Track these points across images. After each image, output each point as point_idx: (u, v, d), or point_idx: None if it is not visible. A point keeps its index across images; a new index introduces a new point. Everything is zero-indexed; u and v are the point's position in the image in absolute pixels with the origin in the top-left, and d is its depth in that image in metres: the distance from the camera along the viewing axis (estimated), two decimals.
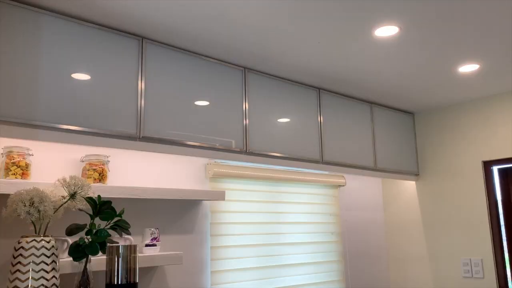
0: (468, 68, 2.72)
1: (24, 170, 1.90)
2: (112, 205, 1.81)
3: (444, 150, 3.45)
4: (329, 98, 3.04)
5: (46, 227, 1.73)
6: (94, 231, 1.71)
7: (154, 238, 2.27)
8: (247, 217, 2.83)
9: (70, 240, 1.88)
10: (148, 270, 2.33)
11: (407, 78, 2.88)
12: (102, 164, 2.15)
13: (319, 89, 2.98)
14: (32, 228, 1.72)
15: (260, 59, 2.52)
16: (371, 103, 3.34)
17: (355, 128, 3.18)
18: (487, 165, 3.23)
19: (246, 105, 2.57)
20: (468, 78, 2.90)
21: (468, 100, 3.36)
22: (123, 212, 1.81)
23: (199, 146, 2.33)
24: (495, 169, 3.23)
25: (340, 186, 3.41)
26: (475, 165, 3.27)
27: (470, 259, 3.20)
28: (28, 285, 1.60)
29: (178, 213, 2.52)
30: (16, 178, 1.87)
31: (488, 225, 3.15)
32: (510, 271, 3.10)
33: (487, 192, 3.19)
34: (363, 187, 3.67)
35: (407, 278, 3.55)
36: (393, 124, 3.51)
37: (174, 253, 2.26)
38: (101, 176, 2.12)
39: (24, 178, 1.89)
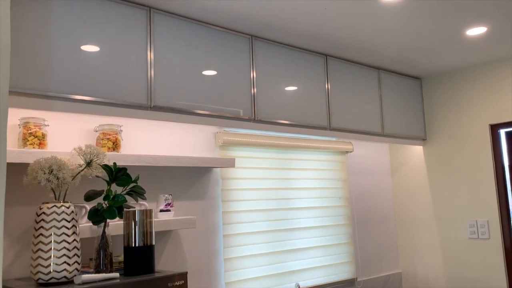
0: (475, 31, 2.71)
1: (41, 140, 1.97)
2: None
3: (451, 115, 3.47)
4: (337, 64, 3.06)
5: (65, 194, 1.80)
6: (111, 196, 1.78)
7: (168, 204, 2.35)
8: (257, 183, 2.90)
9: (88, 206, 1.96)
10: (164, 234, 2.43)
11: (414, 42, 2.87)
12: (116, 134, 2.21)
13: (326, 56, 2.99)
14: (52, 195, 1.80)
15: (267, 26, 2.53)
16: (378, 69, 3.35)
17: (363, 94, 3.20)
18: (494, 128, 3.25)
19: (253, 74, 2.60)
20: (476, 41, 2.89)
21: (476, 64, 3.35)
22: (138, 178, 1.88)
23: (208, 114, 2.37)
24: (502, 132, 3.25)
25: (348, 152, 3.45)
26: (482, 128, 3.29)
27: (476, 221, 3.26)
28: (51, 248, 1.69)
29: (190, 180, 2.60)
30: (33, 148, 1.94)
31: (495, 188, 3.20)
32: None
33: (494, 155, 3.22)
34: (370, 153, 3.71)
35: (414, 240, 3.64)
36: (401, 89, 3.52)
37: (188, 218, 2.35)
38: (115, 145, 2.19)
39: (41, 148, 1.96)
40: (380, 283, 3.52)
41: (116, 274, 1.76)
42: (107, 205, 1.77)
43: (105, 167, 1.83)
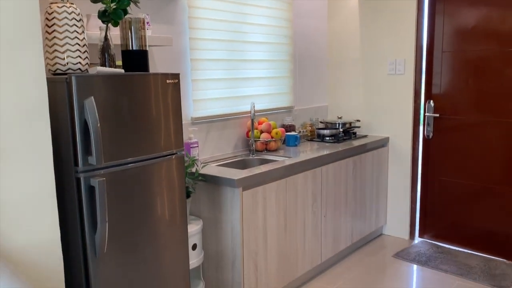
0: None
1: None
2: None
3: None
4: None
5: None
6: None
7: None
8: (218, 15, 3.17)
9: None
10: None
11: None
12: None
13: None
14: None
15: None
16: None
17: None
18: None
19: None
20: None
21: None
22: None
23: None
24: None
25: None
26: None
27: (395, 60, 3.89)
28: (66, 43, 1.91)
29: (159, 5, 2.79)
30: None
31: (414, 32, 3.78)
32: (424, 68, 3.85)
33: (418, 7, 3.74)
34: None
35: (341, 78, 4.24)
36: None
37: (166, 36, 2.61)
38: None
39: None
40: (311, 112, 4.16)
41: (122, 70, 2.05)
42: (114, 7, 1.99)
43: None
